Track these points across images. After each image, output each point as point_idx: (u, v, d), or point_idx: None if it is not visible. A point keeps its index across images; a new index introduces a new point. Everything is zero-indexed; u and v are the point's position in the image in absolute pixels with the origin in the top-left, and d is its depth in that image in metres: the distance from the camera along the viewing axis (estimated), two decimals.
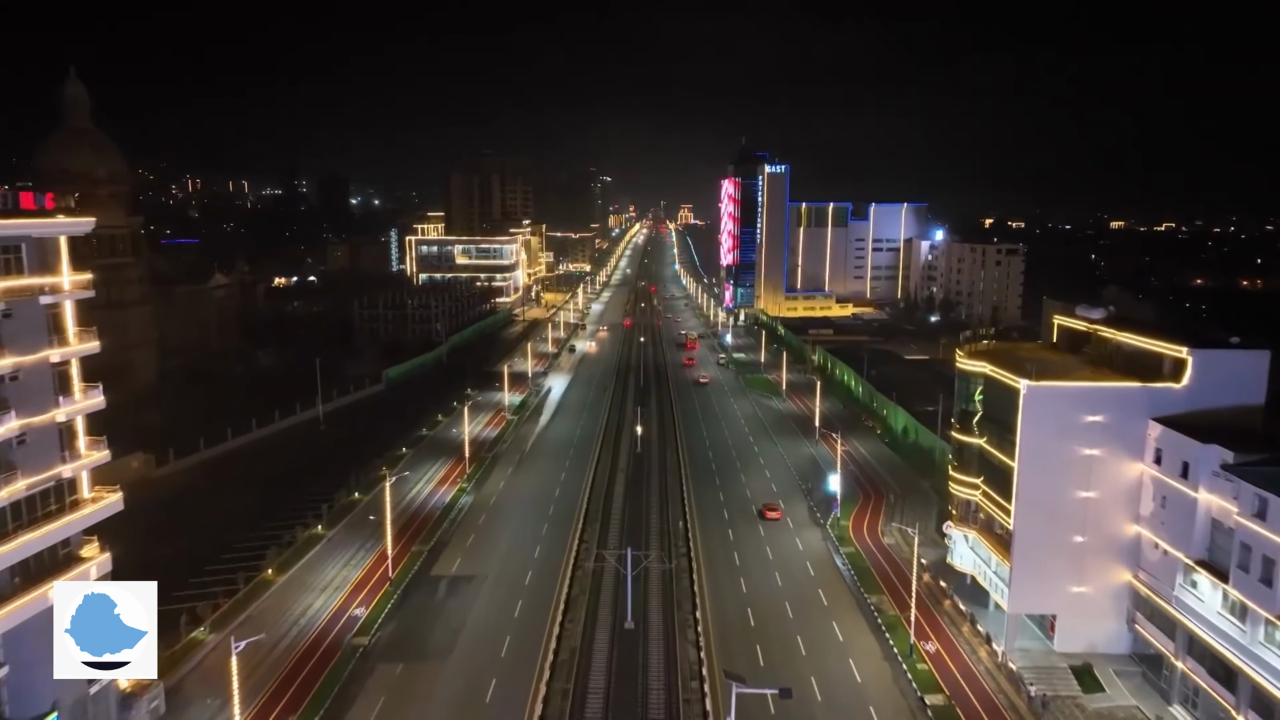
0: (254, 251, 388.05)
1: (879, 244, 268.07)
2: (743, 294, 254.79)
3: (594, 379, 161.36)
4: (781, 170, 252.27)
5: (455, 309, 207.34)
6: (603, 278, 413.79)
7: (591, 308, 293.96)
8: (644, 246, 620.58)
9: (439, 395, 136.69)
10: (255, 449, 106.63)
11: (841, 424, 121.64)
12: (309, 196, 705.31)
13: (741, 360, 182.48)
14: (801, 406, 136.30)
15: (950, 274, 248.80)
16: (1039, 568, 56.71)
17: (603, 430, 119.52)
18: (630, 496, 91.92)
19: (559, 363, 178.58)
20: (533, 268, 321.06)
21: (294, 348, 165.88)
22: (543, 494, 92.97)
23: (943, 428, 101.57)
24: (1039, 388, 55.17)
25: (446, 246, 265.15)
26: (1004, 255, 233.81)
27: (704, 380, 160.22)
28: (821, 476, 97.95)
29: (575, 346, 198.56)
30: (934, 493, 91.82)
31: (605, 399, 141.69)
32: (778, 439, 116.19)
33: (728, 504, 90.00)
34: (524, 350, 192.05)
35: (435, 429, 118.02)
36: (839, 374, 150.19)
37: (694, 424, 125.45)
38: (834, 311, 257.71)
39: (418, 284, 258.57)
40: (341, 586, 68.99)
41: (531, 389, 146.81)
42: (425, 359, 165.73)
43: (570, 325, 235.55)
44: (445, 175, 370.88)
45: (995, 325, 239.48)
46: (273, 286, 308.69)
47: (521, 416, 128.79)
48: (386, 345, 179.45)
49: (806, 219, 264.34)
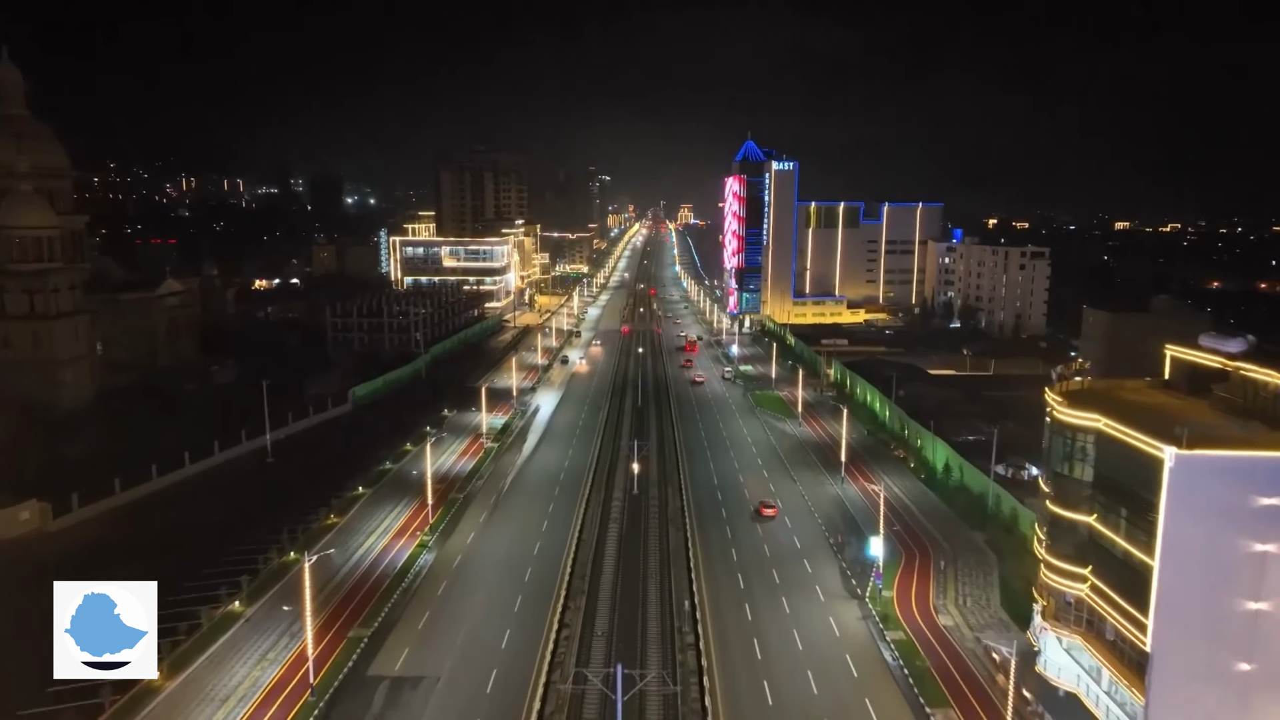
0: (236, 252, 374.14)
1: (892, 246, 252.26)
2: (748, 299, 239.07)
3: (587, 396, 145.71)
4: (789, 167, 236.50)
5: (439, 316, 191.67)
6: (601, 279, 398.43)
7: (588, 312, 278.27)
8: (643, 247, 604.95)
9: (412, 417, 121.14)
10: (185, 490, 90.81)
11: (868, 455, 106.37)
12: (303, 196, 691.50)
13: (749, 373, 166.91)
14: (820, 432, 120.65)
15: (969, 279, 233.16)
16: (1187, 702, 41.16)
17: (594, 463, 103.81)
18: (625, 555, 76.21)
19: (549, 377, 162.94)
20: (526, 270, 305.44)
21: (258, 361, 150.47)
22: (520, 551, 77.30)
23: (994, 464, 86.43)
24: (1195, 459, 39.51)
25: (433, 248, 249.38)
26: (1028, 259, 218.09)
27: (699, 380, 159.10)
28: (852, 526, 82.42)
29: (568, 357, 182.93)
30: (990, 550, 76.30)
31: (598, 421, 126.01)
32: (796, 474, 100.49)
33: (743, 566, 74.35)
34: (512, 362, 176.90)
35: (401, 461, 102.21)
36: (861, 393, 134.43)
37: (699, 453, 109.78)
38: (844, 318, 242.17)
39: (402, 288, 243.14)
40: (249, 695, 53.32)
41: (516, 409, 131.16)
42: (401, 374, 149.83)
43: (564, 332, 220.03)
44: (434, 172, 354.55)
45: (1019, 335, 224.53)
46: (251, 289, 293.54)
47: (503, 443, 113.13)
48: (361, 357, 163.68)
49: (816, 219, 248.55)
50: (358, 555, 74.90)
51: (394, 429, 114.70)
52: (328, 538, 77.59)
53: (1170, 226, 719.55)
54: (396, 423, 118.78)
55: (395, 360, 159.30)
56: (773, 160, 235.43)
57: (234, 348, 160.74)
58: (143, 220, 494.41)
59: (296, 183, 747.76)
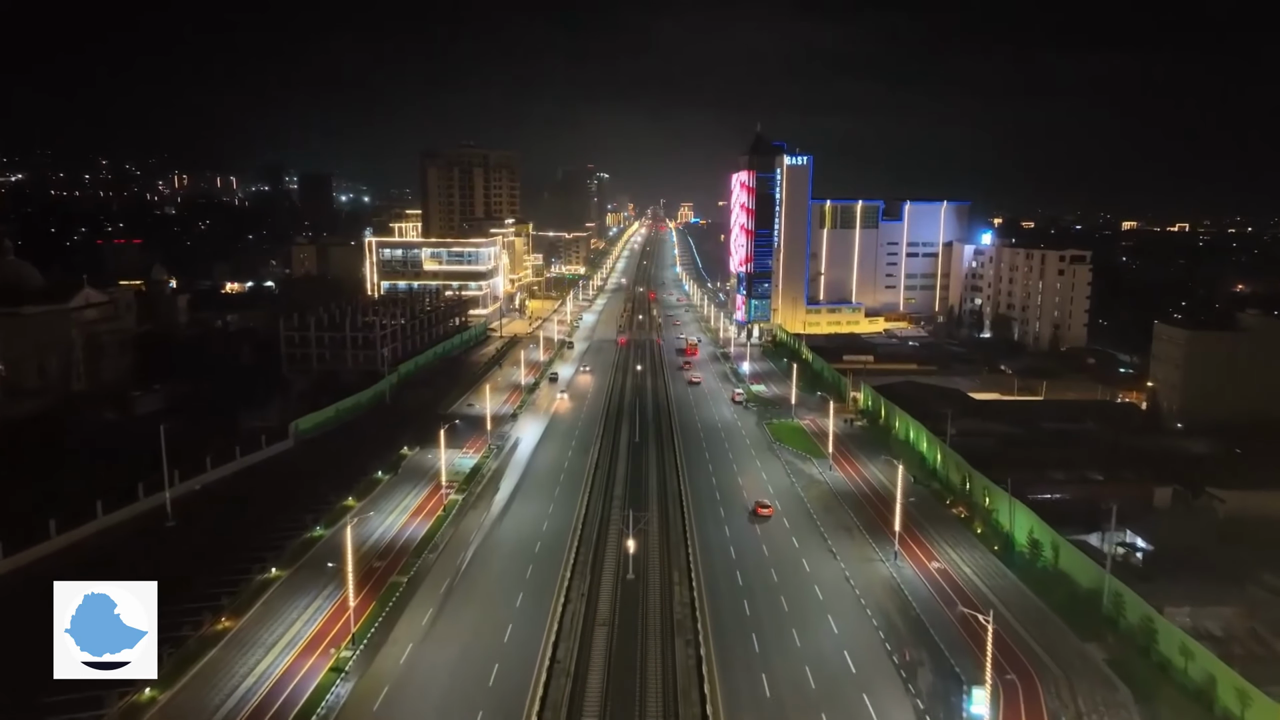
0: (219, 252, 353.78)
1: (914, 248, 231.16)
2: (757, 306, 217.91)
3: (576, 426, 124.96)
4: (803, 162, 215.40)
5: (413, 327, 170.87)
6: (598, 281, 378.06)
7: (583, 318, 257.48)
8: (642, 247, 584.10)
9: (364, 458, 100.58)
10: (41, 572, 69.67)
11: (921, 514, 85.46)
12: (295, 194, 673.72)
13: (762, 394, 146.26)
14: (854, 477, 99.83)
15: (1000, 285, 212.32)
16: None
17: (579, 526, 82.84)
18: (614, 678, 55.57)
19: (534, 400, 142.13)
20: (517, 272, 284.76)
21: (198, 384, 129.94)
22: (472, 675, 56.37)
23: (1102, 543, 65.75)
24: None
25: (413, 250, 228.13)
26: (1068, 264, 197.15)
27: (696, 381, 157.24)
28: (918, 631, 61.67)
29: (558, 374, 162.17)
30: (1118, 679, 55.48)
31: (587, 463, 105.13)
32: (834, 542, 79.76)
33: (779, 703, 53.55)
34: (495, 380, 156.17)
35: (334, 525, 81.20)
36: (901, 428, 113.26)
37: (710, 511, 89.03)
38: (862, 326, 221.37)
39: (379, 294, 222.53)
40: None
41: (491, 446, 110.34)
42: (360, 399, 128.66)
43: (556, 343, 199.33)
44: (421, 168, 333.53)
45: (1058, 347, 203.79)
46: (220, 294, 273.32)
47: (470, 495, 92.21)
48: (319, 377, 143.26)
49: (831, 219, 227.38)
50: (240, 690, 53.84)
51: (338, 475, 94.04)
52: (198, 667, 55.98)
53: (1179, 226, 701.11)
54: (344, 465, 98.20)
55: (359, 380, 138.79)
56: (785, 154, 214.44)
57: (178, 366, 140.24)
58: (124, 219, 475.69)
59: (289, 180, 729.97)
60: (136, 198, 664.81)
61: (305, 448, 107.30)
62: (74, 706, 48.72)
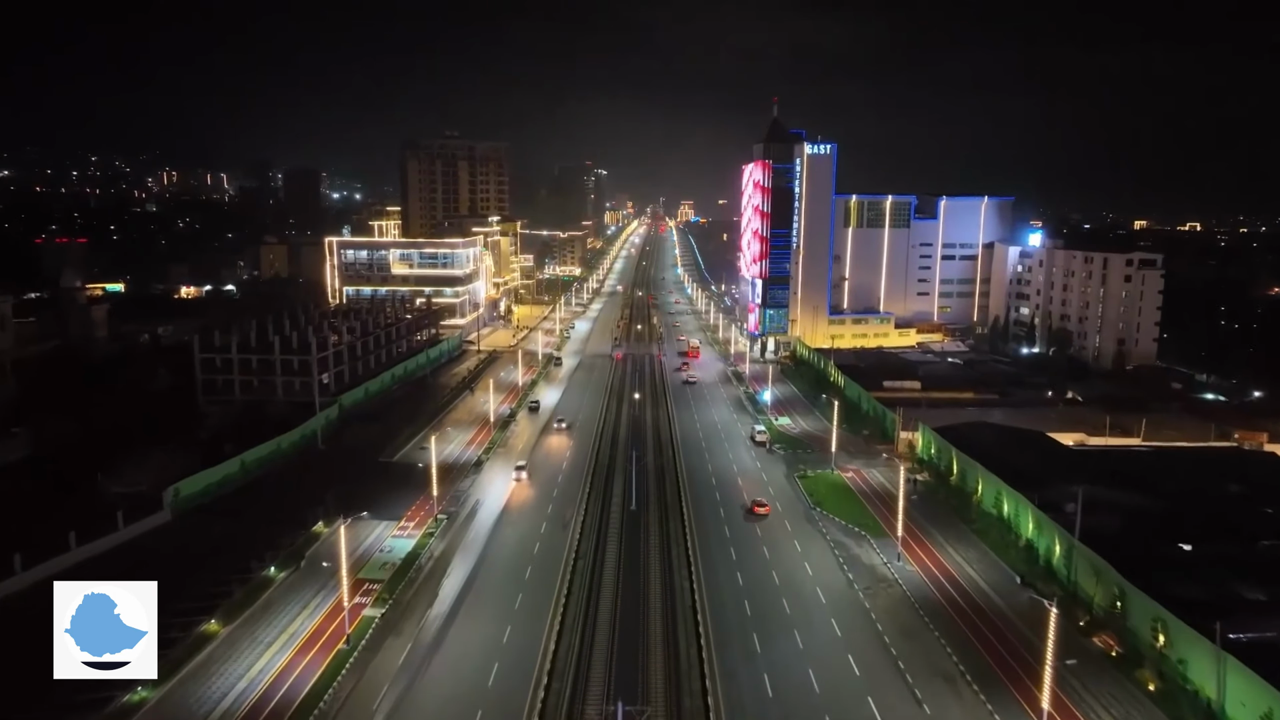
0: (196, 251, 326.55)
1: (950, 249, 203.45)
2: (772, 316, 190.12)
3: (557, 481, 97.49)
4: (826, 151, 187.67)
5: (368, 344, 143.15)
6: (594, 283, 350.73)
7: (575, 327, 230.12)
8: (641, 246, 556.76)
9: (265, 535, 73.25)
10: None
11: (1040, 636, 57.18)
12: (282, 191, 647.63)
13: (788, 431, 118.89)
14: (935, 572, 71.94)
15: (1051, 292, 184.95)
16: None
17: (544, 675, 55.30)
18: None
19: (508, 438, 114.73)
20: (504, 275, 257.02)
21: (82, 424, 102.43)
22: None
23: None
24: None
25: (379, 252, 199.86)
26: (1135, 269, 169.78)
27: (693, 381, 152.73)
28: None
29: (539, 403, 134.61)
30: None
31: (566, 544, 77.54)
32: (924, 695, 52.39)
33: None
34: (463, 409, 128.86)
35: (181, 672, 53.58)
36: (989, 497, 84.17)
37: (739, 639, 61.40)
38: (892, 340, 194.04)
39: (342, 301, 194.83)
40: None
41: (439, 517, 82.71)
42: (279, 445, 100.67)
43: (542, 357, 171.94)
44: (401, 161, 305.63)
45: (1123, 366, 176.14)
46: (175, 299, 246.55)
47: (397, 605, 64.68)
48: (243, 411, 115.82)
49: (857, 217, 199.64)
50: None
51: (214, 570, 66.59)
52: None
53: (1189, 226, 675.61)
54: (226, 552, 70.81)
55: (292, 414, 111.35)
56: (805, 142, 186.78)
57: (70, 397, 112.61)
58: (98, 216, 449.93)
59: (276, 177, 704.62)
60: (115, 195, 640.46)
61: (185, 523, 79.52)
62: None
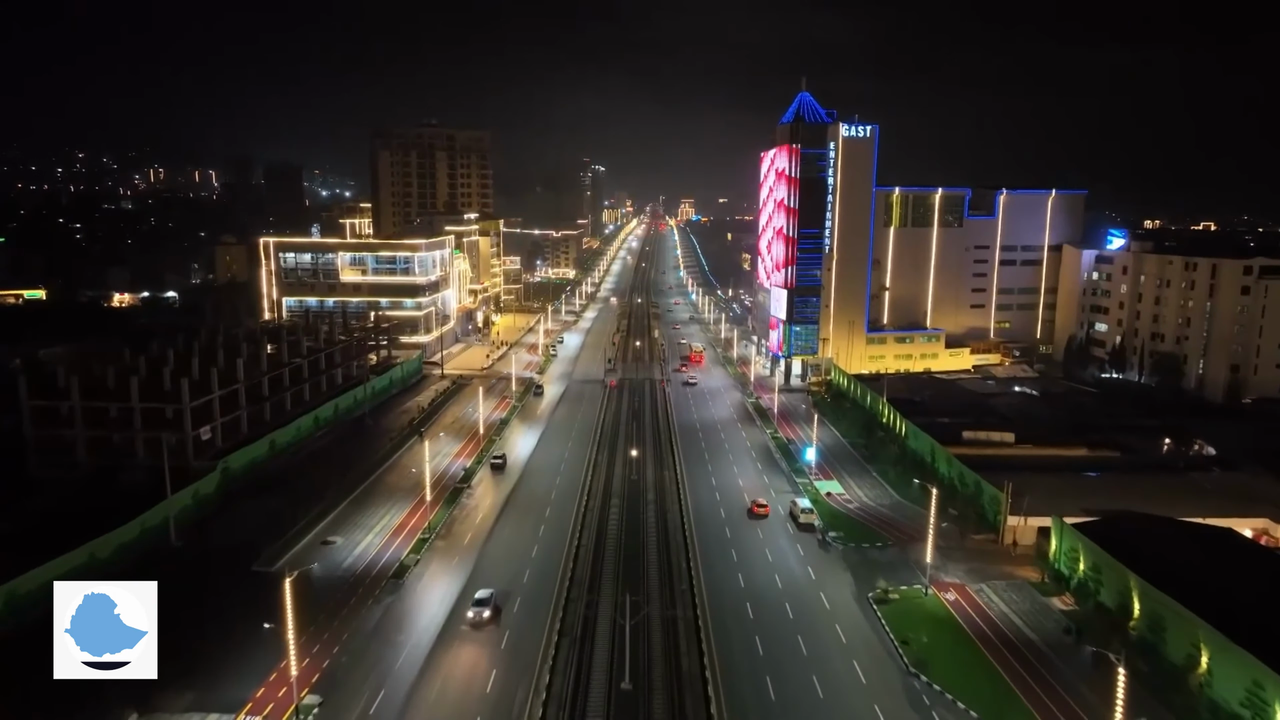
0: (107, 256, 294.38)
1: (1010, 253, 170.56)
2: (799, 334, 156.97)
3: (519, 601, 64.48)
4: (866, 133, 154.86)
5: (279, 379, 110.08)
6: (589, 288, 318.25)
7: (564, 341, 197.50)
8: (641, 246, 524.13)
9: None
10: None
11: None
12: (263, 188, 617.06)
13: (842, 504, 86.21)
14: None
15: (1139, 305, 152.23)
16: None
17: None
18: None
19: (458, 517, 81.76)
20: (483, 281, 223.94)
21: None
22: None
23: None
24: None
25: (326, 255, 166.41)
26: (1255, 278, 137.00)
27: (692, 381, 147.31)
28: None
29: (503, 459, 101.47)
30: None
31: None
32: None
33: None
34: (405, 468, 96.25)
35: None
36: (1224, 680, 51.14)
37: None
38: (942, 362, 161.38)
39: (279, 316, 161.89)
40: None
41: (325, 677, 49.60)
42: (94, 553, 67.36)
43: (522, 385, 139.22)
44: (372, 152, 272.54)
45: (1239, 398, 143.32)
46: (107, 307, 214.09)
47: None
48: (87, 483, 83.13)
49: (900, 214, 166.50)
50: None
51: None
52: None
53: (1204, 225, 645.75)
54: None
55: (156, 485, 78.26)
56: (841, 123, 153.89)
57: None
58: (68, 214, 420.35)
59: (258, 174, 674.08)
60: (88, 192, 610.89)
61: None
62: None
